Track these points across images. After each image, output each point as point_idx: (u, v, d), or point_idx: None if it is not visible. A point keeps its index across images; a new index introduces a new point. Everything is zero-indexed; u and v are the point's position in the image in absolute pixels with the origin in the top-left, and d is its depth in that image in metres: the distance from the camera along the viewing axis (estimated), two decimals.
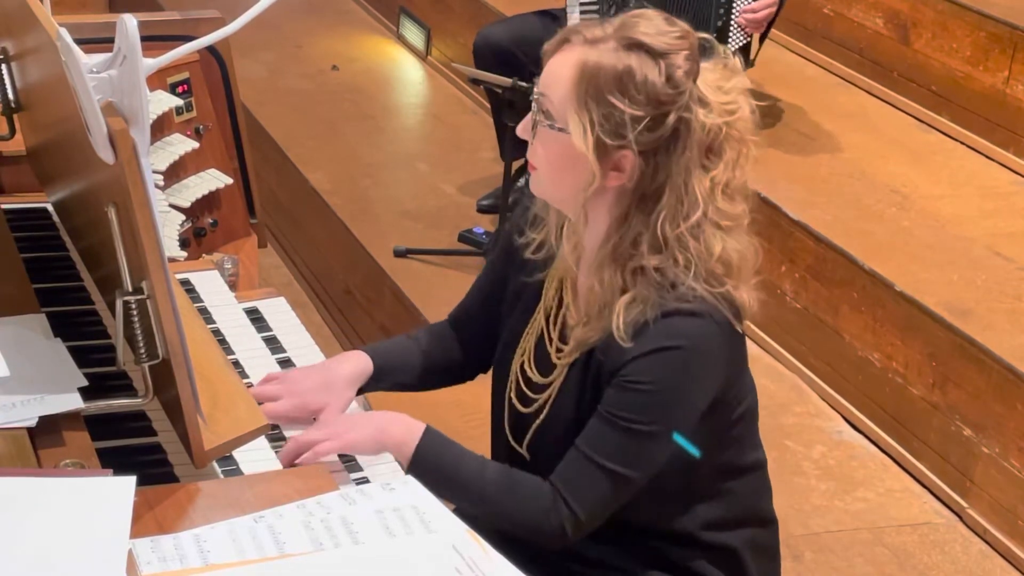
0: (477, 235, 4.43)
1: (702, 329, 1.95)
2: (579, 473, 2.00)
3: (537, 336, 2.13)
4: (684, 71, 1.92)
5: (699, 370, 1.97)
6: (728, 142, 1.95)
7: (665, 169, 1.93)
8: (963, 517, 3.42)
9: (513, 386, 2.15)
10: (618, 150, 1.92)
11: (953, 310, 3.52)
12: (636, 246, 1.96)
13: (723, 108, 1.94)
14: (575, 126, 1.92)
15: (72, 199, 2.23)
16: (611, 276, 1.97)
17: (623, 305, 1.95)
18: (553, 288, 2.12)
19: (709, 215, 1.94)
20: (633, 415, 1.96)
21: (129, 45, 1.63)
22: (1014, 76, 4.39)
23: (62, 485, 1.70)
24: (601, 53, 1.93)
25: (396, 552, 1.67)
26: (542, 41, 5.19)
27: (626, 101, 1.90)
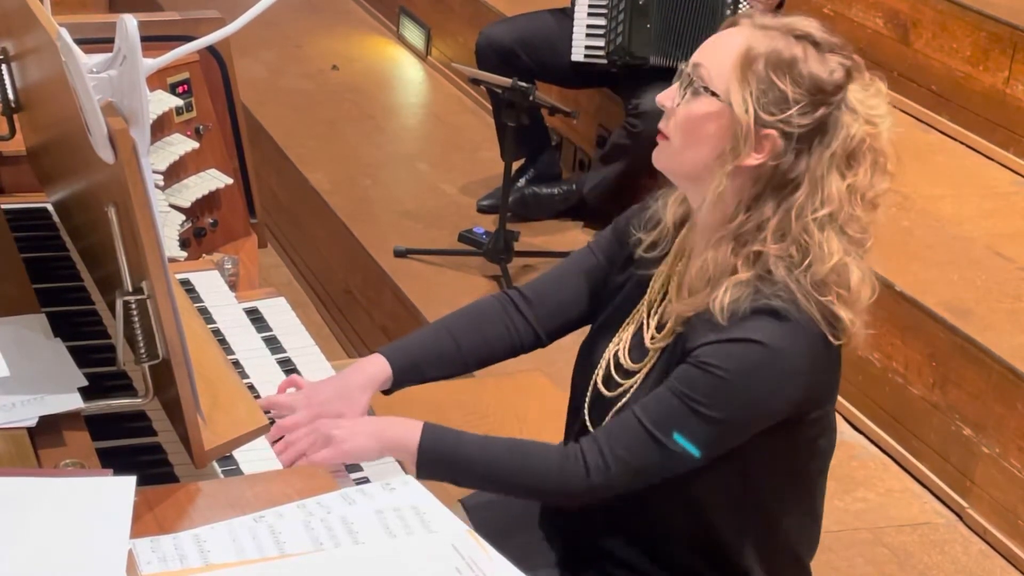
0: (477, 235, 4.43)
1: (790, 333, 1.94)
2: (625, 431, 2.00)
3: (636, 327, 2.14)
4: (844, 72, 1.97)
5: (774, 373, 1.95)
6: (869, 153, 1.99)
7: (807, 159, 1.96)
8: (963, 517, 3.42)
9: (601, 372, 2.15)
10: (767, 128, 1.95)
11: (953, 310, 3.52)
12: (760, 230, 1.97)
13: (868, 119, 1.98)
14: (736, 96, 1.95)
15: (72, 199, 2.23)
16: (725, 255, 1.98)
17: (732, 283, 1.96)
18: (659, 283, 2.13)
19: (841, 218, 1.96)
20: (696, 394, 1.95)
21: (129, 45, 1.63)
22: (1014, 76, 4.39)
23: (62, 485, 1.70)
24: (771, 37, 1.97)
25: (396, 552, 1.67)
26: (547, 40, 5.20)
27: (788, 81, 1.95)
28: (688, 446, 1.99)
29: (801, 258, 1.95)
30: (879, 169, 2.00)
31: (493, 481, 2.08)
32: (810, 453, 2.08)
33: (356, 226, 4.60)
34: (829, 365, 2.02)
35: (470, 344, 2.26)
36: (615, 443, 2.00)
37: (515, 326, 2.27)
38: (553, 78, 4.67)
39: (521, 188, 4.67)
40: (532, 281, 2.32)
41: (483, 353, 2.28)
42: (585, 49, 4.47)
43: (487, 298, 2.32)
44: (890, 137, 2.01)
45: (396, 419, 2.11)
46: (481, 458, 2.06)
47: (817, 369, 1.99)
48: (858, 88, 1.99)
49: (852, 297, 1.97)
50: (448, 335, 2.26)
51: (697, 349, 1.96)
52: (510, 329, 2.27)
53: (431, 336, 2.28)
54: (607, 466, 2.00)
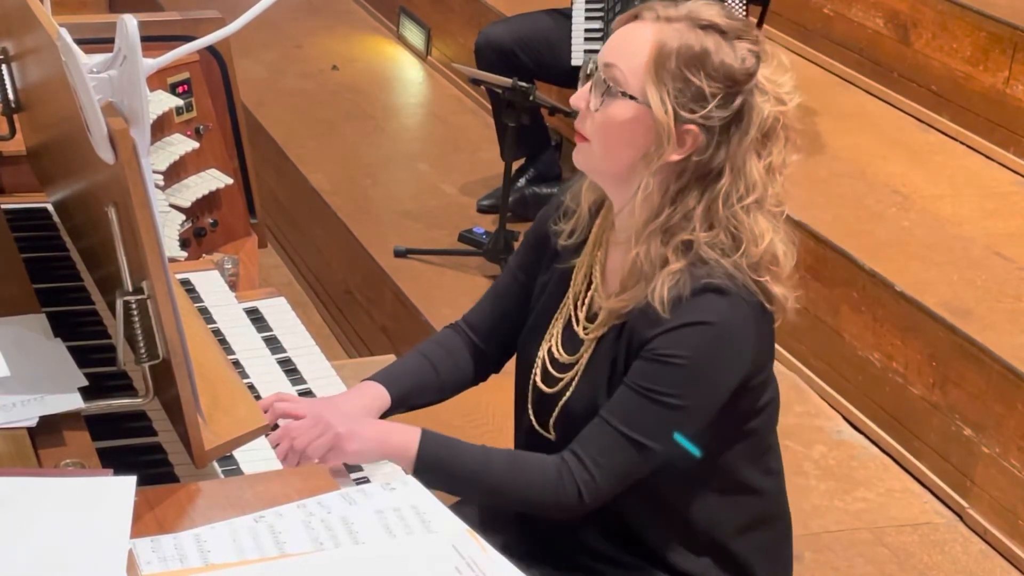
0: (477, 235, 4.43)
1: (733, 307, 1.98)
2: (601, 440, 2.02)
3: (565, 321, 2.15)
4: (754, 58, 1.99)
5: (728, 348, 2.00)
6: (782, 131, 2.02)
7: (727, 148, 1.98)
8: (963, 517, 3.42)
9: (539, 370, 2.17)
10: (686, 124, 1.96)
11: (953, 310, 3.52)
12: (687, 220, 1.99)
13: (778, 98, 2.01)
14: (653, 96, 1.96)
15: (72, 199, 2.23)
16: (657, 248, 2.00)
17: (666, 275, 1.98)
18: (582, 274, 2.15)
19: (765, 200, 2.00)
20: (661, 387, 1.98)
21: (129, 45, 1.63)
22: (1014, 76, 4.39)
23: (62, 485, 1.70)
24: (678, 31, 1.97)
25: (396, 552, 1.67)
26: (547, 41, 5.19)
27: (703, 76, 1.95)
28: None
29: (733, 243, 1.99)
30: (791, 145, 2.03)
31: (489, 492, 2.09)
32: (758, 413, 2.11)
33: (356, 226, 4.60)
34: (768, 330, 2.07)
35: (447, 373, 2.31)
36: (595, 454, 2.02)
37: (475, 355, 2.32)
38: (553, 78, 4.67)
39: (521, 188, 4.67)
40: (469, 314, 2.35)
41: (457, 380, 2.33)
42: (584, 53, 4.47)
43: (447, 330, 2.36)
44: (797, 113, 2.04)
45: (397, 425, 2.12)
46: (478, 469, 2.08)
47: (761, 335, 2.04)
48: (764, 68, 2.01)
49: (782, 271, 2.02)
50: (430, 365, 2.30)
51: (649, 343, 1.99)
52: (473, 357, 2.32)
53: (415, 365, 2.31)
54: (592, 478, 2.02)
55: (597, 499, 2.04)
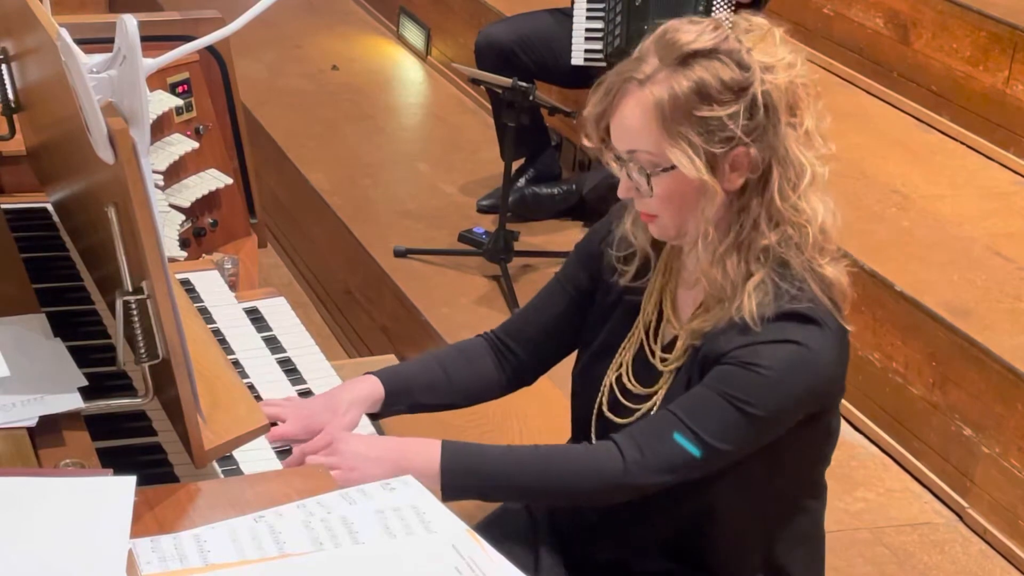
0: (477, 235, 4.43)
1: (822, 334, 1.96)
2: (659, 424, 1.98)
3: (636, 349, 2.11)
4: (743, 51, 1.93)
5: (813, 370, 1.96)
6: (801, 90, 1.96)
7: (771, 146, 1.93)
8: (963, 517, 3.42)
9: (606, 399, 2.12)
10: (730, 151, 1.92)
11: (953, 310, 3.52)
12: (756, 228, 1.96)
13: (783, 64, 1.94)
14: (680, 158, 1.91)
15: (72, 199, 2.23)
16: (734, 265, 1.96)
17: (752, 288, 1.95)
18: (652, 303, 2.11)
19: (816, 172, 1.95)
20: (737, 391, 1.94)
21: (129, 45, 1.63)
22: (1014, 76, 4.39)
23: (62, 485, 1.70)
24: (665, 83, 1.92)
25: (396, 552, 1.67)
26: (547, 40, 5.19)
27: (715, 106, 1.90)
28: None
29: (800, 233, 1.96)
30: (814, 97, 1.98)
31: (526, 490, 2.05)
32: (827, 437, 2.10)
33: (356, 226, 4.60)
34: (847, 357, 2.05)
35: (460, 378, 2.25)
36: (651, 436, 1.97)
37: (503, 366, 2.27)
38: (553, 78, 4.67)
39: (521, 188, 4.67)
40: (509, 323, 2.30)
41: (472, 389, 2.27)
42: (585, 53, 4.47)
43: (474, 339, 2.30)
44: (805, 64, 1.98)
45: (412, 443, 2.05)
46: (510, 468, 2.02)
47: (842, 362, 2.02)
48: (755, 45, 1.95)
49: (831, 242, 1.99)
50: (439, 367, 2.25)
51: (732, 352, 1.95)
52: (499, 368, 2.27)
53: (422, 366, 2.27)
54: (643, 456, 1.96)
55: (642, 479, 1.97)
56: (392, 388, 2.19)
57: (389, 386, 2.18)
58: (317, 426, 2.10)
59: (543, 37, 4.56)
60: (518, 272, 4.28)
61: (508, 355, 2.27)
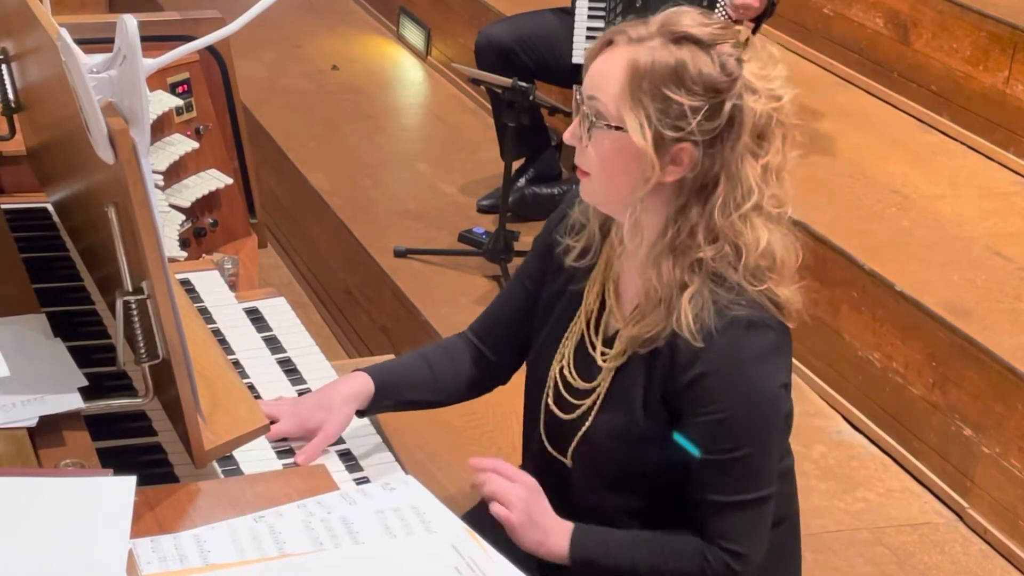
0: (477, 235, 4.43)
1: (766, 339, 1.96)
2: (722, 519, 2.00)
3: (577, 341, 2.12)
4: (735, 59, 1.92)
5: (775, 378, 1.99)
6: (777, 127, 1.96)
7: (721, 158, 1.92)
8: (963, 517, 3.42)
9: (551, 392, 2.14)
10: (676, 143, 1.92)
11: (953, 310, 3.52)
12: (693, 236, 1.95)
13: (770, 94, 1.94)
14: (632, 122, 1.91)
15: (72, 199, 2.23)
16: (669, 270, 1.96)
17: (687, 300, 1.95)
18: (594, 293, 2.11)
19: (763, 202, 1.95)
20: (739, 441, 1.97)
21: (129, 45, 1.63)
22: (1014, 76, 4.39)
23: (62, 485, 1.70)
24: (651, 50, 1.92)
25: (396, 552, 1.67)
26: (547, 40, 5.18)
27: (683, 92, 1.90)
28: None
29: (735, 253, 1.95)
30: (789, 142, 1.98)
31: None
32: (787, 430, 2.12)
33: (356, 226, 4.60)
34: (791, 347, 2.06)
35: (444, 376, 2.27)
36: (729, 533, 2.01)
37: (481, 365, 2.29)
38: (553, 78, 4.67)
39: (521, 188, 4.67)
40: (477, 324, 2.32)
41: (455, 388, 2.29)
42: (586, 52, 4.47)
43: (454, 337, 2.33)
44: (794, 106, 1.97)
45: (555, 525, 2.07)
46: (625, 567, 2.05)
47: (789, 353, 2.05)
48: (753, 64, 1.95)
49: (782, 273, 1.99)
50: (426, 365, 2.27)
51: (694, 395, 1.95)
52: (476, 368, 2.29)
53: (410, 363, 2.29)
54: (739, 554, 2.01)
55: (752, 567, 2.03)
56: (381, 385, 2.20)
57: (379, 383, 2.20)
58: (312, 424, 2.10)
59: (543, 37, 4.56)
60: None
61: (481, 354, 2.29)
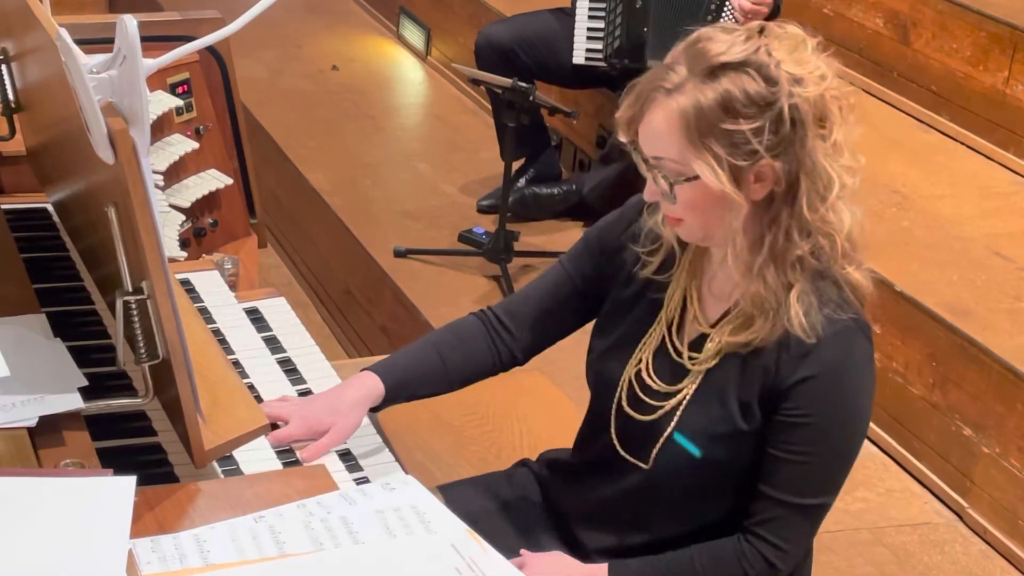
0: (477, 235, 4.43)
1: (868, 349, 1.99)
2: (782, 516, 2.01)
3: (657, 346, 2.12)
4: (772, 65, 1.92)
5: (868, 388, 2.01)
6: (832, 103, 1.95)
7: (797, 158, 1.93)
8: (963, 517, 3.42)
9: (624, 394, 2.13)
10: (753, 165, 1.92)
11: (953, 310, 3.52)
12: (789, 239, 1.96)
13: (815, 76, 1.94)
14: (704, 170, 1.90)
15: (72, 199, 2.23)
16: (774, 276, 1.97)
17: (795, 299, 1.96)
18: (676, 299, 2.11)
19: (844, 182, 1.96)
20: (822, 447, 1.98)
21: (129, 45, 1.63)
22: (1014, 76, 4.39)
23: (62, 485, 1.70)
24: (691, 94, 1.91)
25: (396, 552, 1.67)
26: (547, 40, 5.17)
27: (740, 121, 1.89)
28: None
29: (830, 244, 1.97)
30: (846, 110, 1.97)
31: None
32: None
33: (356, 226, 4.60)
34: None
35: (455, 363, 2.26)
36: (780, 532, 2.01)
37: (496, 346, 2.28)
38: (553, 78, 4.67)
39: (521, 188, 4.67)
40: (509, 301, 2.32)
41: (467, 372, 2.29)
42: (586, 52, 4.47)
43: (469, 317, 2.32)
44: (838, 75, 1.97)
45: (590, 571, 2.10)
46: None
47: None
48: (782, 52, 1.94)
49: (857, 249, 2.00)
50: (435, 353, 2.26)
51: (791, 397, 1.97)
52: (491, 349, 2.28)
53: (419, 354, 2.27)
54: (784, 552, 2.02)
55: (794, 564, 2.05)
56: (391, 384, 2.20)
57: (388, 382, 2.19)
58: (321, 427, 2.10)
59: (543, 37, 4.56)
60: (518, 272, 4.28)
61: (503, 333, 2.28)
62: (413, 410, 2.62)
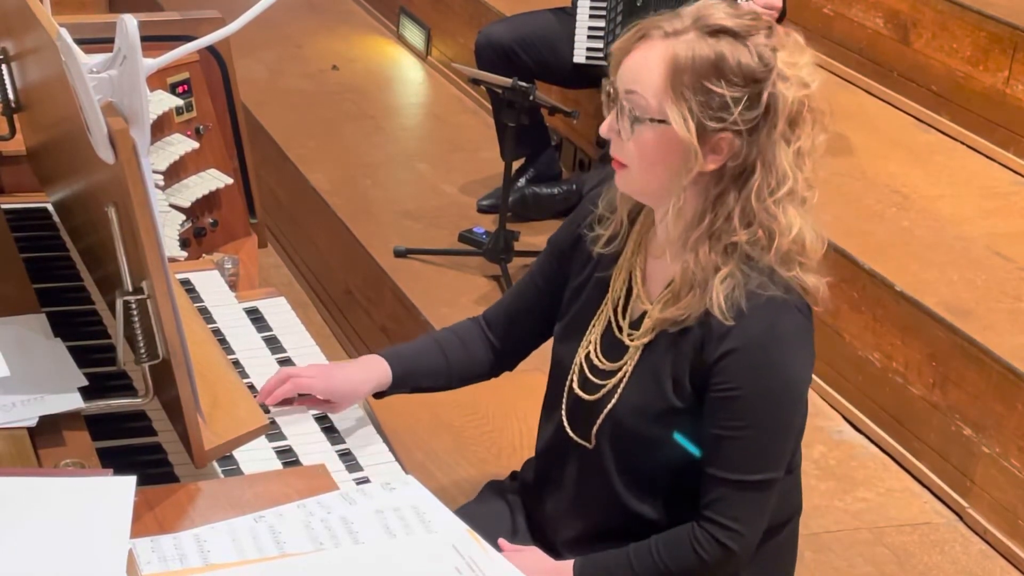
0: (477, 235, 4.43)
1: (795, 322, 1.99)
2: (726, 495, 2.02)
3: (604, 326, 2.14)
4: (770, 48, 1.96)
5: (801, 357, 2.02)
6: (808, 114, 1.99)
7: (758, 145, 1.96)
8: (963, 517, 3.42)
9: (575, 377, 2.16)
10: (717, 133, 1.95)
11: (953, 310, 3.52)
12: (729, 221, 1.99)
13: (800, 81, 1.98)
14: (675, 115, 1.94)
15: (72, 199, 2.23)
16: (706, 254, 1.99)
17: (718, 282, 1.98)
18: (621, 279, 2.14)
19: (796, 187, 1.98)
20: (756, 419, 1.99)
21: (129, 45, 1.64)
22: (1014, 76, 4.39)
23: (62, 485, 1.70)
24: (689, 43, 1.95)
25: (396, 552, 1.67)
26: (547, 40, 5.17)
27: (723, 84, 1.93)
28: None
29: (768, 238, 1.99)
30: (818, 126, 2.01)
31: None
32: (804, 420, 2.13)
33: (356, 226, 4.60)
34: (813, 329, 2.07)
35: (457, 361, 2.33)
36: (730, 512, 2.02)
37: (491, 350, 2.34)
38: (553, 78, 4.67)
39: (521, 188, 4.67)
40: (488, 312, 2.37)
41: (466, 372, 2.35)
42: (587, 51, 4.47)
43: (466, 322, 2.38)
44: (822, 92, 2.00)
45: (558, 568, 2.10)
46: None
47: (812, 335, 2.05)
48: (782, 52, 1.98)
49: (810, 260, 2.02)
50: (439, 349, 2.33)
51: (719, 371, 1.98)
52: (488, 352, 2.34)
53: (425, 348, 2.34)
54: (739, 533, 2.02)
55: (748, 548, 2.04)
56: (399, 373, 2.27)
57: (396, 372, 2.26)
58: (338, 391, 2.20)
59: (543, 37, 4.56)
60: (518, 272, 4.28)
61: (490, 341, 2.35)
62: (413, 410, 2.62)
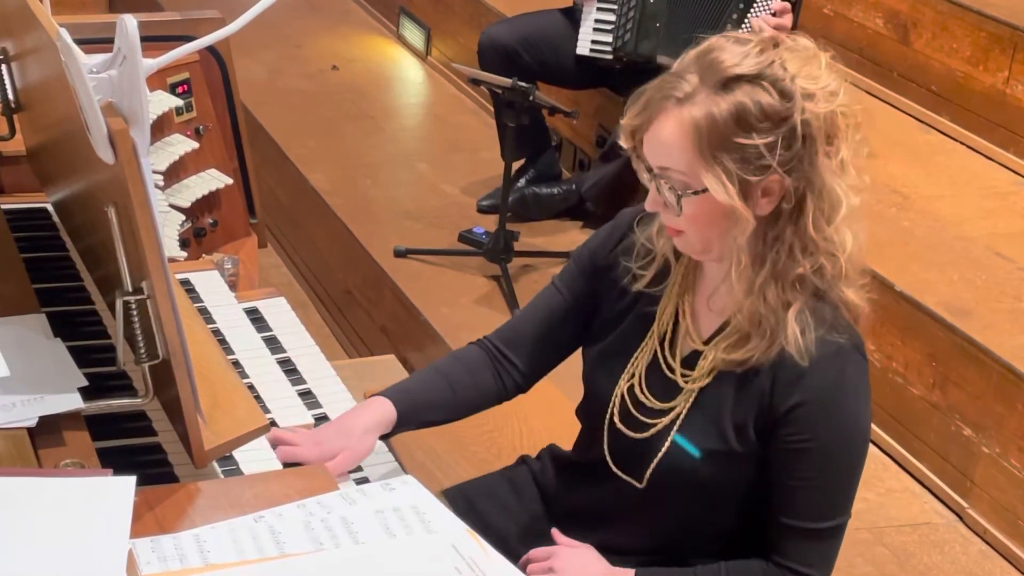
0: (477, 235, 4.43)
1: (861, 370, 1.97)
2: (801, 543, 2.02)
3: (649, 361, 2.09)
4: (787, 79, 1.88)
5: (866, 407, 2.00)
6: (841, 120, 1.92)
7: (804, 175, 1.90)
8: (963, 517, 3.42)
9: (616, 410, 2.10)
10: (763, 180, 1.89)
11: (953, 310, 3.52)
12: (791, 255, 1.93)
13: (825, 93, 1.91)
14: (713, 183, 1.87)
15: (72, 199, 2.23)
16: (775, 294, 1.94)
17: (792, 318, 1.93)
18: (668, 313, 2.08)
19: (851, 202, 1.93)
20: (831, 471, 1.99)
21: (129, 45, 1.63)
22: (1014, 76, 4.39)
23: (62, 485, 1.70)
24: (704, 105, 1.87)
25: (396, 552, 1.67)
26: (550, 40, 5.17)
27: (752, 135, 1.86)
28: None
29: (831, 264, 1.94)
30: (854, 128, 1.94)
31: None
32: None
33: (356, 226, 4.60)
34: None
35: (463, 392, 2.23)
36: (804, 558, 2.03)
37: (500, 376, 2.26)
38: (555, 78, 4.67)
39: (521, 188, 4.67)
40: (505, 331, 2.28)
41: (474, 401, 2.26)
42: (591, 44, 4.47)
43: (471, 348, 2.29)
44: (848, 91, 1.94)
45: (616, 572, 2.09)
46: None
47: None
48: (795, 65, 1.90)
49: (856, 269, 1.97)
50: (445, 382, 2.23)
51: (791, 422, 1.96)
52: (496, 379, 2.25)
53: (430, 382, 2.24)
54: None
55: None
56: (403, 410, 2.16)
57: (401, 408, 2.16)
58: (332, 451, 2.06)
59: (546, 37, 4.56)
60: (518, 272, 4.28)
61: (505, 363, 2.25)
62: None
